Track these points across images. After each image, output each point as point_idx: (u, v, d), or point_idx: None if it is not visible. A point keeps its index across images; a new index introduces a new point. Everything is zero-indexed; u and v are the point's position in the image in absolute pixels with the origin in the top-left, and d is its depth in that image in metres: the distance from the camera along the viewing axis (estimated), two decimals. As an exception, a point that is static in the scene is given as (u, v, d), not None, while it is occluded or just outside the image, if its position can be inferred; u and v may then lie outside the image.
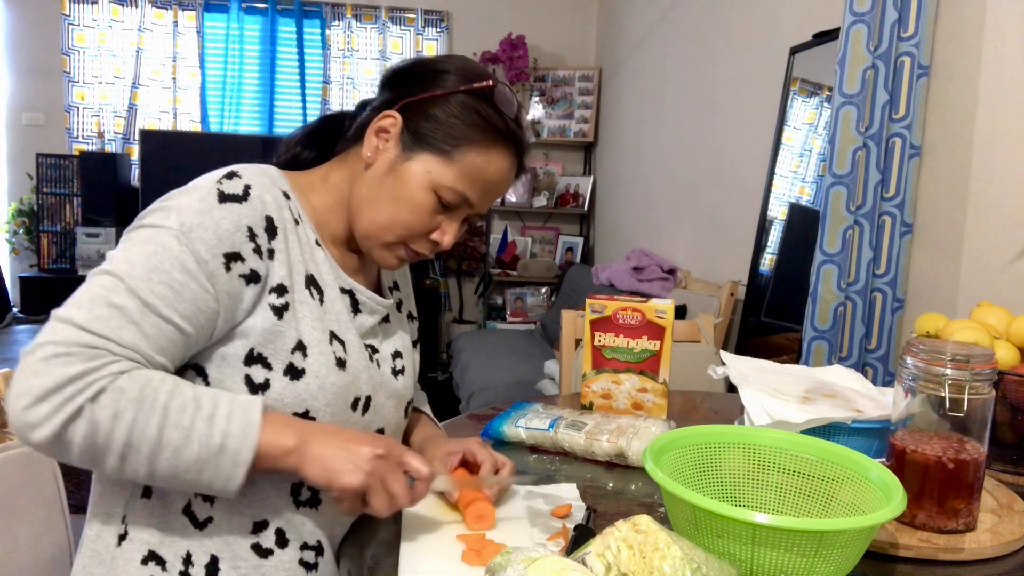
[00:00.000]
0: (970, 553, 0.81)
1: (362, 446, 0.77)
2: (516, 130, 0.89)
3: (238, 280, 0.77)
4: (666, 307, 1.26)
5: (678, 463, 0.82)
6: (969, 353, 0.83)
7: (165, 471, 0.72)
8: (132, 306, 0.72)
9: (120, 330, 0.71)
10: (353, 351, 0.88)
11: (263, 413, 0.75)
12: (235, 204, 0.78)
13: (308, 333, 0.82)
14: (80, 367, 0.68)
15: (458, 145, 0.86)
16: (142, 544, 0.79)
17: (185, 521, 0.80)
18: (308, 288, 0.84)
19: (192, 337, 0.76)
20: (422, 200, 0.86)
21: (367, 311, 0.92)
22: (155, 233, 0.75)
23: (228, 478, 0.73)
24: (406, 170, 0.86)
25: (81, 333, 0.69)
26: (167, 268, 0.74)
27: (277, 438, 0.75)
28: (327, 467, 0.75)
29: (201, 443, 0.71)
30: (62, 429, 0.68)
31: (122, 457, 0.70)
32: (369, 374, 0.89)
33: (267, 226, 0.80)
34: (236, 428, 0.73)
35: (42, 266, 4.29)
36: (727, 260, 2.85)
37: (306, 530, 0.85)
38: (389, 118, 0.87)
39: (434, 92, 0.87)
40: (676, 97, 3.44)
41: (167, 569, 0.79)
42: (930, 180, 1.71)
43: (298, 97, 4.57)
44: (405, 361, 0.99)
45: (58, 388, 0.67)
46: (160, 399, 0.71)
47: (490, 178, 0.88)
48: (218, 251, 0.76)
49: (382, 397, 0.92)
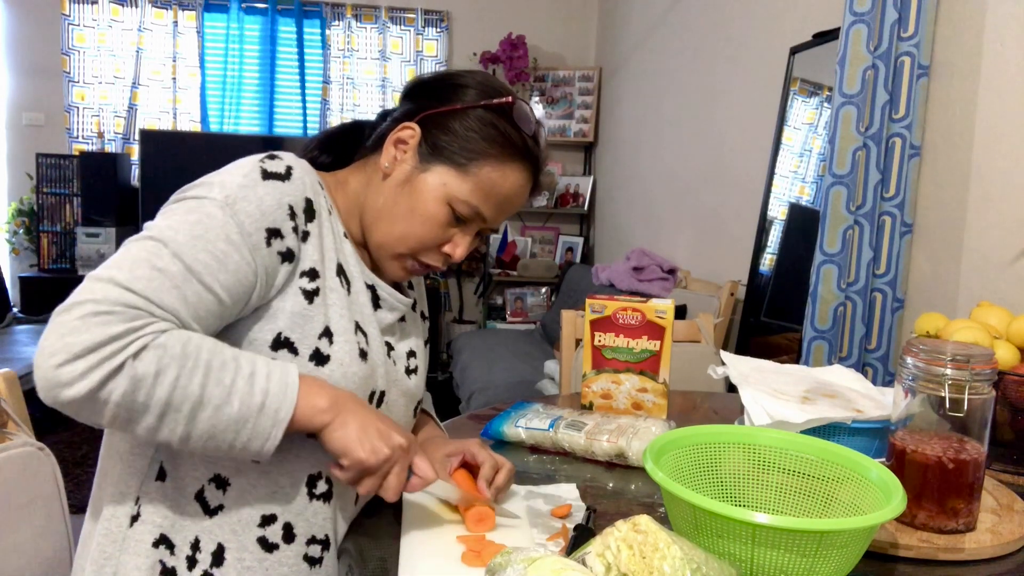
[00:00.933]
0: (970, 553, 0.81)
1: (392, 431, 0.78)
2: (533, 147, 0.90)
3: (276, 257, 0.78)
4: (666, 307, 1.26)
5: (678, 463, 0.82)
6: (969, 353, 0.83)
7: (203, 430, 0.71)
8: (176, 270, 0.72)
9: (162, 292, 0.70)
10: (374, 344, 0.89)
11: (300, 377, 0.76)
12: (278, 182, 0.79)
13: (336, 320, 0.83)
14: (122, 327, 0.67)
15: (474, 159, 0.86)
16: (154, 527, 0.80)
17: (197, 507, 0.81)
18: (338, 276, 0.85)
19: (228, 309, 0.76)
20: (436, 212, 0.87)
21: (387, 308, 0.93)
22: (199, 204, 0.76)
23: (266, 437, 0.73)
24: (422, 182, 0.87)
25: (123, 292, 0.68)
26: (212, 237, 0.74)
27: (313, 399, 0.76)
28: (352, 435, 0.76)
29: (242, 401, 0.71)
30: (99, 386, 0.66)
31: (161, 416, 0.69)
32: (386, 369, 0.90)
33: (306, 207, 0.82)
34: (275, 387, 0.73)
35: (42, 266, 4.29)
36: (727, 260, 2.85)
37: (316, 523, 0.85)
38: (408, 129, 0.88)
39: (454, 106, 0.88)
40: (676, 97, 3.44)
41: (175, 553, 0.80)
42: (930, 180, 1.71)
43: (298, 97, 4.57)
44: (418, 361, 1.00)
45: (98, 346, 0.66)
46: (203, 356, 0.71)
47: (504, 193, 0.89)
48: (261, 225, 0.77)
49: (395, 394, 0.92)
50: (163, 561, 0.79)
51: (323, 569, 0.85)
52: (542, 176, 0.94)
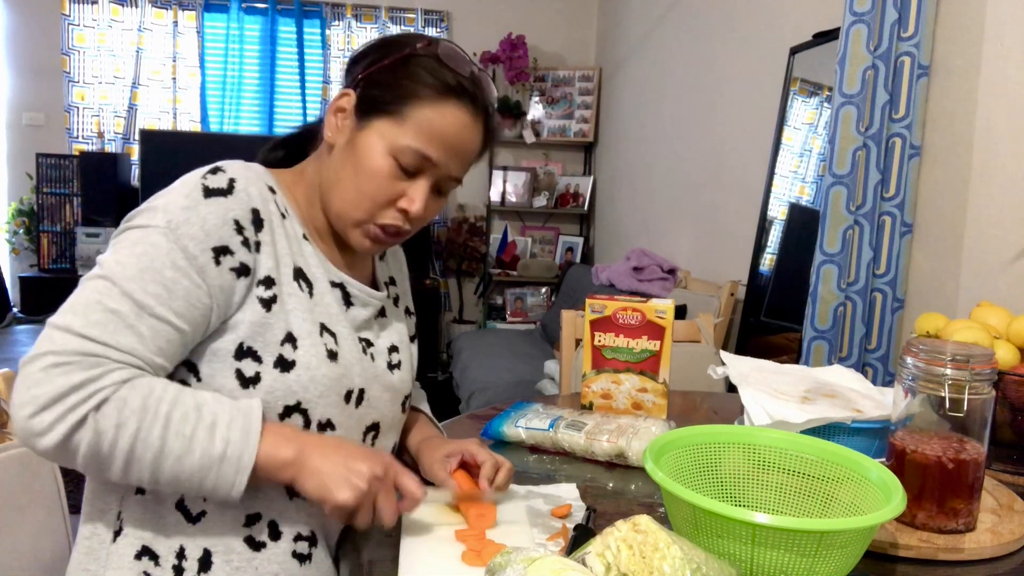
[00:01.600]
0: (970, 553, 0.81)
1: (361, 463, 0.77)
2: (469, 85, 0.87)
3: (229, 274, 0.78)
4: (666, 307, 1.26)
5: (678, 463, 0.82)
6: (969, 353, 0.83)
7: (168, 478, 0.73)
8: (127, 309, 0.72)
9: (117, 335, 0.72)
10: (345, 343, 0.88)
11: (264, 423, 0.76)
12: (220, 198, 0.78)
13: (297, 325, 0.82)
14: (81, 376, 0.69)
15: (407, 103, 0.85)
16: (136, 539, 0.80)
17: (179, 516, 0.81)
18: (296, 280, 0.85)
19: (188, 334, 0.76)
20: (380, 166, 0.85)
21: (359, 304, 0.92)
22: (144, 233, 0.76)
23: (231, 484, 0.73)
24: (362, 140, 0.86)
25: (80, 340, 0.70)
26: (158, 267, 0.74)
27: (277, 449, 0.75)
28: (324, 482, 0.75)
29: (203, 451, 0.72)
30: (66, 437, 0.69)
31: (126, 465, 0.71)
32: (362, 367, 0.89)
33: (253, 219, 0.81)
34: (237, 436, 0.73)
35: (42, 266, 4.28)
36: (727, 260, 2.85)
37: (300, 520, 0.85)
38: (345, 96, 0.88)
39: (382, 62, 0.87)
40: (676, 97, 3.44)
41: (160, 564, 0.80)
42: (930, 180, 1.71)
43: (298, 97, 4.57)
44: (402, 355, 0.99)
45: (61, 397, 0.68)
46: (163, 409, 0.71)
47: (446, 132, 0.86)
48: (206, 245, 0.76)
49: (377, 390, 0.91)
50: (147, 572, 0.79)
51: (313, 565, 0.85)
52: (493, 119, 0.91)
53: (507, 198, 4.75)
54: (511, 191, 4.76)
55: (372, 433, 0.92)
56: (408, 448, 1.04)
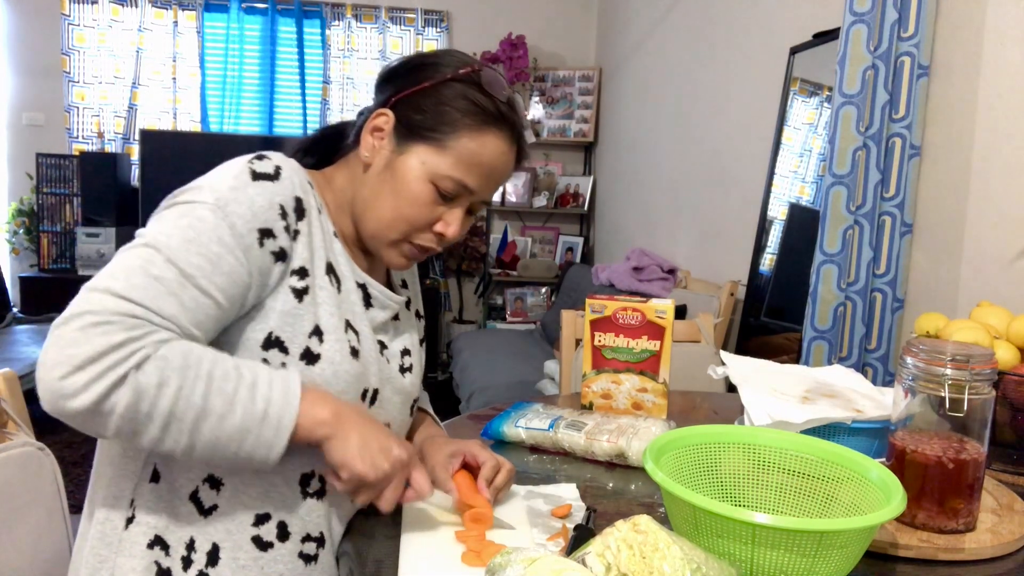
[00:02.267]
0: (970, 553, 0.81)
1: (393, 445, 0.79)
2: (508, 112, 0.88)
3: (269, 256, 0.79)
4: (666, 307, 1.26)
5: (678, 463, 0.82)
6: (969, 353, 0.83)
7: (206, 441, 0.71)
8: (171, 276, 0.72)
9: (159, 300, 0.71)
10: (366, 343, 0.88)
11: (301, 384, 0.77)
12: (267, 182, 0.79)
13: (325, 319, 0.83)
14: (122, 336, 0.67)
15: (450, 132, 0.86)
16: (149, 528, 0.80)
17: (191, 507, 0.81)
18: (328, 275, 0.85)
19: (225, 311, 0.76)
20: (420, 192, 0.86)
21: (379, 306, 0.93)
22: (190, 208, 0.76)
23: (270, 446, 0.73)
24: (402, 164, 0.87)
25: (120, 302, 0.69)
26: (204, 240, 0.74)
27: (315, 409, 0.76)
28: (353, 451, 0.76)
29: (245, 410, 0.72)
30: (103, 397, 0.66)
31: (164, 427, 0.69)
32: (379, 367, 0.90)
33: (296, 207, 0.82)
34: (278, 396, 0.74)
35: (42, 266, 4.28)
36: (727, 260, 2.85)
37: (310, 521, 0.85)
38: (382, 116, 0.89)
39: (422, 85, 0.87)
40: (676, 97, 3.44)
41: (170, 554, 0.80)
42: (930, 180, 1.71)
43: (298, 97, 4.57)
44: (413, 359, 1.00)
45: (100, 356, 0.66)
46: (204, 367, 0.71)
47: (486, 162, 0.88)
48: (253, 225, 0.77)
49: (388, 392, 0.92)
50: (158, 562, 0.79)
51: (319, 566, 0.85)
52: (525, 143, 0.93)
53: (507, 198, 4.75)
54: (511, 191, 4.76)
55: None
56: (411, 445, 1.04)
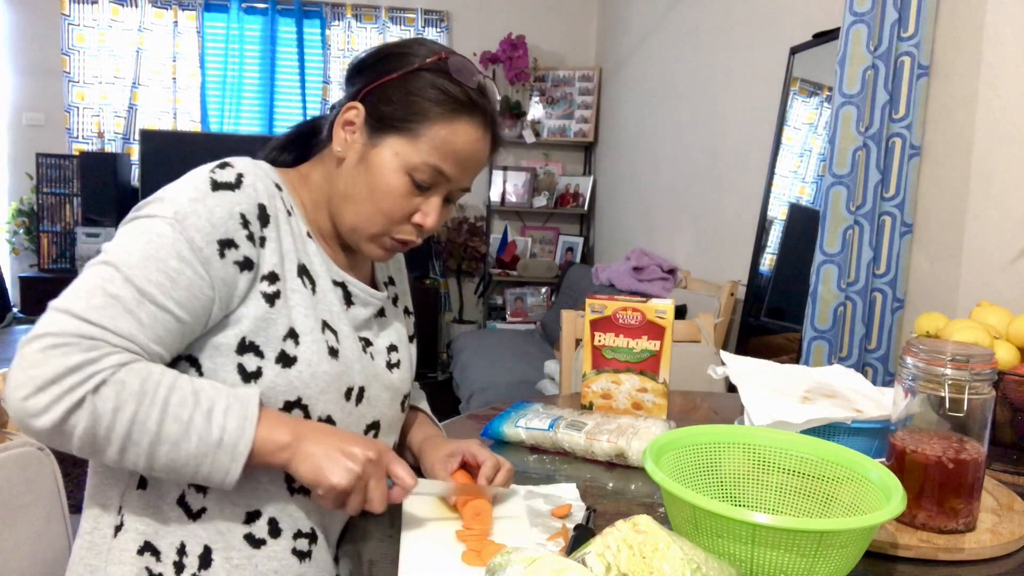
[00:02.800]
0: (970, 553, 0.81)
1: (355, 447, 0.78)
2: (478, 98, 0.88)
3: (232, 267, 0.78)
4: (666, 307, 1.26)
5: (678, 463, 0.82)
6: (969, 353, 0.83)
7: (164, 464, 0.73)
8: (128, 295, 0.72)
9: (116, 319, 0.72)
10: (346, 341, 0.88)
11: (260, 408, 0.76)
12: (228, 192, 0.79)
13: (300, 321, 0.83)
14: (79, 358, 0.69)
15: (421, 122, 0.85)
16: (137, 535, 0.80)
17: (179, 511, 0.81)
18: (300, 277, 0.85)
19: (188, 325, 0.76)
20: (396, 184, 0.86)
21: (360, 303, 0.93)
22: (150, 223, 0.76)
23: (226, 471, 0.74)
24: (375, 156, 0.87)
25: (78, 323, 0.70)
26: (162, 256, 0.74)
27: (273, 434, 0.76)
28: (318, 465, 0.76)
29: (199, 437, 0.72)
30: (63, 419, 0.68)
31: (122, 449, 0.71)
32: (362, 365, 0.90)
33: (260, 214, 0.81)
34: (233, 423, 0.74)
35: (42, 266, 4.28)
36: (727, 260, 2.85)
37: (300, 517, 0.85)
38: (352, 109, 0.88)
39: (391, 76, 0.87)
40: (676, 97, 3.44)
41: (161, 559, 0.80)
42: (930, 180, 1.71)
43: (298, 97, 4.57)
44: (401, 355, 0.99)
45: (57, 378, 0.68)
46: (160, 393, 0.71)
47: (460, 149, 0.87)
48: (212, 237, 0.77)
49: (376, 389, 0.92)
50: (149, 568, 0.79)
51: (313, 562, 0.85)
52: (499, 128, 0.92)
53: (507, 198, 4.75)
54: (511, 191, 4.76)
55: (373, 432, 0.92)
56: (410, 447, 1.04)
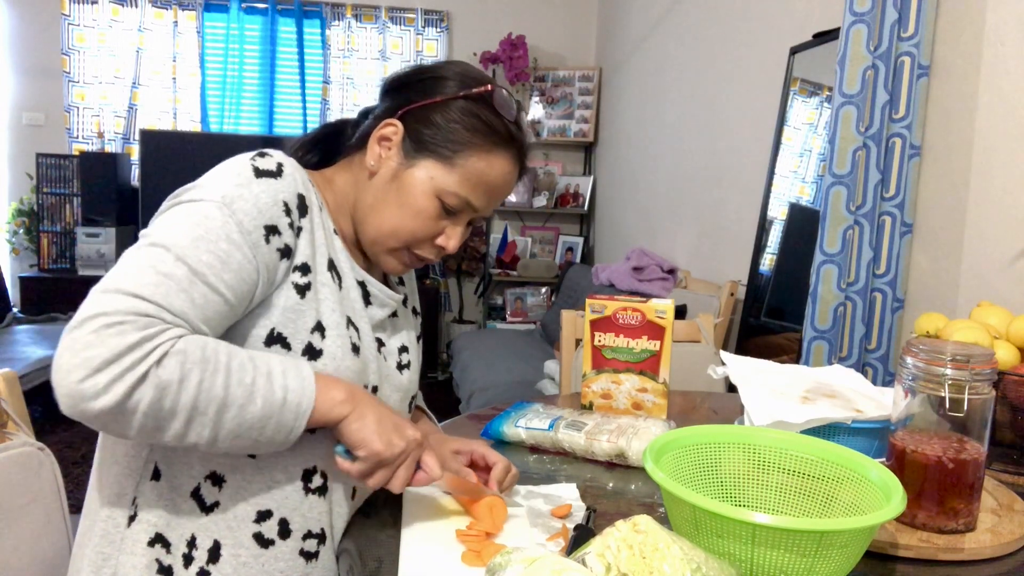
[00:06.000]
0: (970, 553, 0.81)
1: (407, 426, 0.81)
2: (516, 133, 0.90)
3: (275, 253, 0.79)
4: (666, 307, 1.26)
5: (678, 463, 0.82)
6: (969, 353, 0.83)
7: (229, 430, 0.72)
8: (181, 274, 0.72)
9: (170, 297, 0.71)
10: (365, 340, 0.89)
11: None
12: (271, 179, 0.80)
13: (327, 315, 0.84)
14: (136, 336, 0.67)
15: (459, 151, 0.87)
16: (149, 526, 0.80)
17: (193, 504, 0.81)
18: (329, 271, 0.86)
19: (234, 308, 0.77)
20: (426, 206, 0.88)
21: (378, 304, 0.93)
22: (196, 207, 0.76)
23: (290, 430, 0.75)
24: (409, 177, 0.88)
25: (131, 300, 0.68)
26: (213, 238, 0.74)
27: (331, 391, 0.78)
28: (372, 429, 0.78)
29: (265, 398, 0.73)
30: (126, 397, 0.66)
31: (188, 420, 0.70)
32: (377, 364, 0.91)
33: (299, 203, 0.82)
34: (293, 382, 0.75)
35: (42, 266, 4.28)
36: (727, 260, 2.85)
37: (312, 518, 0.85)
38: (391, 126, 0.89)
39: (434, 99, 0.88)
40: (676, 97, 3.44)
41: (171, 551, 0.80)
42: (930, 180, 1.71)
43: (298, 97, 4.57)
44: (411, 356, 1.00)
45: (117, 357, 0.66)
46: (221, 359, 0.72)
47: (492, 181, 0.90)
48: (259, 222, 0.77)
49: (388, 389, 0.93)
50: (159, 560, 0.79)
51: (319, 563, 0.86)
52: (527, 160, 0.95)
53: (507, 198, 4.75)
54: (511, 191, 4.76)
55: None
56: None
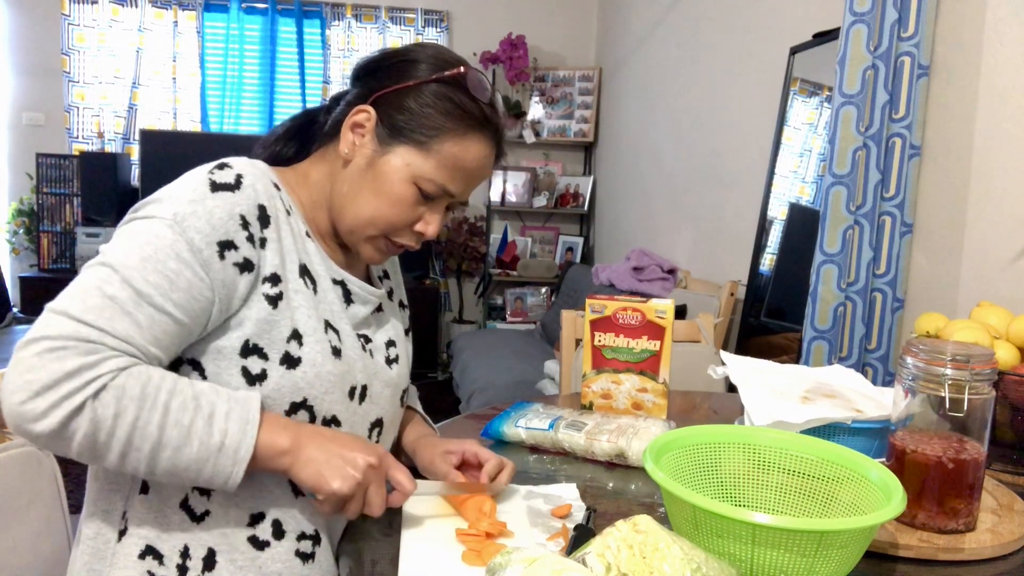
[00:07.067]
0: (970, 553, 0.81)
1: (356, 454, 0.78)
2: (491, 115, 0.89)
3: (232, 268, 0.78)
4: (666, 307, 1.26)
5: (678, 463, 0.82)
6: (969, 353, 0.83)
7: (165, 469, 0.72)
8: (125, 296, 0.72)
9: (114, 321, 0.71)
10: (347, 340, 0.88)
11: (261, 412, 0.76)
12: (228, 193, 0.78)
13: (303, 322, 0.83)
14: (76, 362, 0.68)
15: (435, 136, 0.86)
16: (140, 539, 0.80)
17: (183, 515, 0.81)
18: (302, 277, 0.85)
19: (187, 327, 0.76)
20: (403, 193, 0.86)
21: (359, 301, 0.92)
22: (148, 224, 0.76)
23: (228, 476, 0.74)
24: (385, 164, 0.86)
25: (75, 325, 0.69)
26: (161, 257, 0.74)
27: (274, 438, 0.76)
28: (319, 471, 0.76)
29: (201, 442, 0.72)
30: (62, 425, 0.67)
31: (122, 455, 0.70)
32: (364, 363, 0.90)
33: (260, 215, 0.81)
34: (235, 428, 0.73)
35: (42, 266, 4.28)
36: (727, 260, 2.85)
37: (303, 519, 0.85)
38: (363, 112, 0.88)
39: (406, 83, 0.87)
40: (676, 97, 3.44)
41: (164, 563, 0.79)
42: (930, 180, 1.71)
43: (298, 97, 4.57)
44: (399, 350, 0.99)
45: (55, 383, 0.67)
46: (161, 398, 0.71)
47: (468, 166, 0.88)
48: (212, 239, 0.76)
49: (378, 386, 0.92)
50: (151, 572, 0.79)
51: (316, 564, 0.85)
52: (504, 143, 0.93)
53: (507, 198, 4.75)
54: (511, 191, 4.76)
55: (377, 429, 0.92)
56: (404, 446, 1.04)
